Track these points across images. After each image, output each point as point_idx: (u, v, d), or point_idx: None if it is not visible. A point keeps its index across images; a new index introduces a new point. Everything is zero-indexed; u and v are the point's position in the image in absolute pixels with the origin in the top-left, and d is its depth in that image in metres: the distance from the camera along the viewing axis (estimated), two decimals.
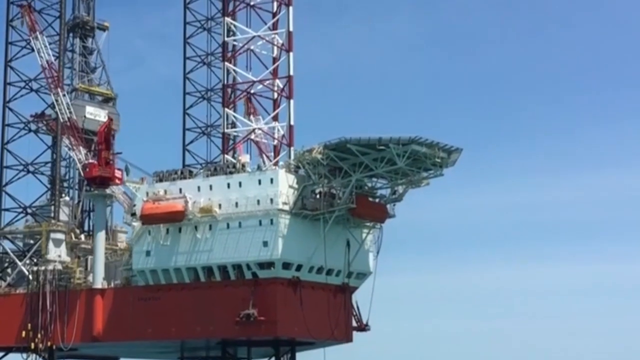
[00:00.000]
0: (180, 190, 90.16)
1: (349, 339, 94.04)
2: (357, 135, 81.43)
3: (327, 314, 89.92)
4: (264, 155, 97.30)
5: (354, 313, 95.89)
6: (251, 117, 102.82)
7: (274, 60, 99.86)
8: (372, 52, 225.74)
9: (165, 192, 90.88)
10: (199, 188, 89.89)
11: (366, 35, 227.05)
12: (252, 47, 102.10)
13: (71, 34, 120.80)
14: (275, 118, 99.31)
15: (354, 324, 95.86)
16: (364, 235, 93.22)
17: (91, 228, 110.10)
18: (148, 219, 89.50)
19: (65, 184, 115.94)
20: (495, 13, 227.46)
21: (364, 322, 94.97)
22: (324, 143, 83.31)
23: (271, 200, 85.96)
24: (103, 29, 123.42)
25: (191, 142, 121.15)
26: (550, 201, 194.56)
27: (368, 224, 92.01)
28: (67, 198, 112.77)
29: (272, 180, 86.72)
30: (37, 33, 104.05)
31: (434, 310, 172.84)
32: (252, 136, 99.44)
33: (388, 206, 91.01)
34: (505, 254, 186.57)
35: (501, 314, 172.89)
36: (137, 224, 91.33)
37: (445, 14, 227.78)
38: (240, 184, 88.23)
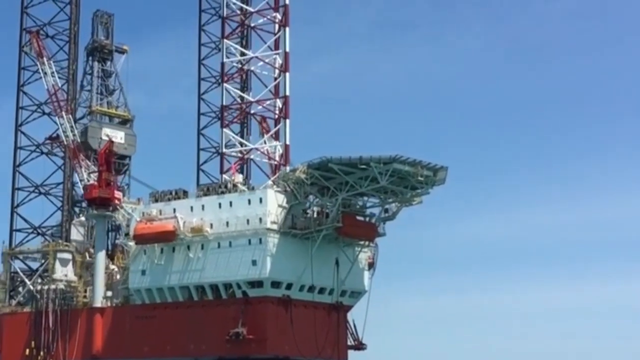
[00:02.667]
0: (174, 210, 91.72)
1: (343, 357, 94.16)
2: (339, 155, 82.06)
3: (319, 332, 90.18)
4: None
5: (351, 332, 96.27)
6: (265, 136, 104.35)
7: (275, 80, 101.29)
8: (442, 69, 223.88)
9: (160, 212, 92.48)
10: (191, 208, 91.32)
11: (436, 52, 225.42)
12: (252, 68, 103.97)
13: (90, 57, 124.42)
14: (276, 138, 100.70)
15: (351, 342, 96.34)
16: (359, 254, 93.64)
17: (109, 247, 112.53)
18: (140, 239, 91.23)
19: (84, 204, 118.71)
20: (569, 25, 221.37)
21: (361, 340, 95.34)
22: (307, 162, 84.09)
23: (260, 219, 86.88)
24: (122, 52, 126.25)
25: (205, 162, 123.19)
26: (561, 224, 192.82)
27: (361, 242, 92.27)
28: (82, 218, 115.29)
29: (261, 199, 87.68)
30: (44, 59, 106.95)
31: (432, 330, 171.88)
32: (252, 155, 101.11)
33: (380, 225, 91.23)
34: (505, 275, 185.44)
35: (501, 334, 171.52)
36: (132, 243, 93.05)
37: (517, 28, 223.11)
38: (230, 203, 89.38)
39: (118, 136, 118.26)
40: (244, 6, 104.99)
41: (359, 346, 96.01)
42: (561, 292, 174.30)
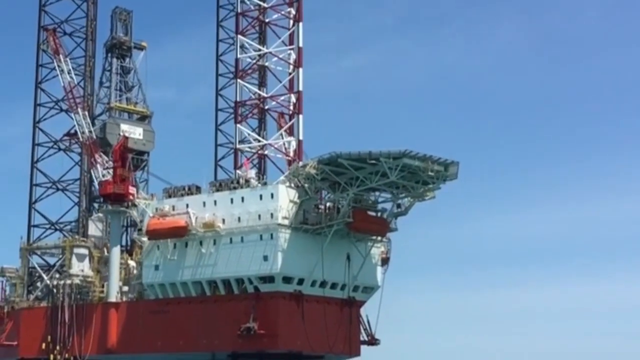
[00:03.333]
0: (187, 206, 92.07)
1: (356, 352, 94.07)
2: (349, 150, 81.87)
3: (332, 327, 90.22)
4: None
5: (364, 327, 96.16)
6: (279, 132, 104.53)
7: (289, 75, 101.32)
8: (474, 63, 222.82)
9: (173, 207, 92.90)
10: (204, 204, 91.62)
11: (468, 45, 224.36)
12: (267, 64, 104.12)
13: (109, 54, 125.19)
14: (290, 133, 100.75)
15: (365, 337, 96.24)
16: (372, 249, 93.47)
17: (128, 243, 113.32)
18: (153, 235, 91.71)
19: (101, 200, 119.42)
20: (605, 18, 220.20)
21: (374, 336, 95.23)
22: (318, 158, 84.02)
23: (271, 215, 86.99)
24: (141, 48, 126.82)
25: (222, 157, 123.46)
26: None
27: (373, 237, 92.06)
28: (100, 214, 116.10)
29: (272, 195, 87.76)
30: (61, 56, 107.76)
31: (445, 326, 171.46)
32: (267, 151, 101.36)
33: (392, 220, 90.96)
34: (521, 273, 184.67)
35: (516, 331, 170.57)
36: (145, 239, 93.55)
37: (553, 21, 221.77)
38: (242, 199, 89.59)
39: (136, 132, 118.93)
40: (259, 2, 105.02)
41: (372, 341, 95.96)
42: (578, 290, 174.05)
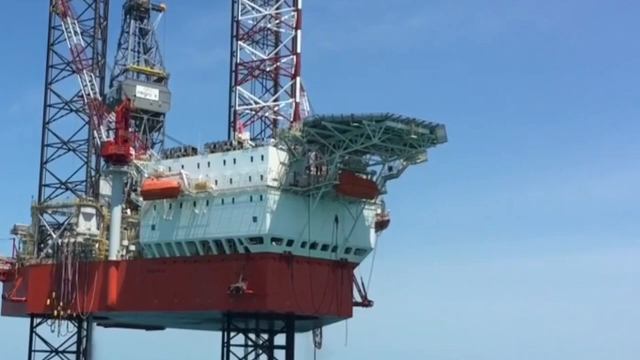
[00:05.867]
0: (182, 167, 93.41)
1: (347, 313, 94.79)
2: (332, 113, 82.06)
3: (322, 288, 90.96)
4: None
5: (358, 289, 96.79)
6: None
7: (293, 38, 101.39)
8: (546, 20, 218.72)
9: (170, 169, 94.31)
10: (198, 165, 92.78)
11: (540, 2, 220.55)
12: (268, 25, 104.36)
13: (127, 16, 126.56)
14: (292, 95, 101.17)
15: (358, 299, 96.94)
16: (364, 211, 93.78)
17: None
18: (147, 195, 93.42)
19: None
20: None
21: (367, 297, 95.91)
22: (303, 120, 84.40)
23: (261, 176, 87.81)
24: (159, 10, 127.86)
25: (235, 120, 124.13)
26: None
27: (363, 200, 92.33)
28: None
29: (262, 157, 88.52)
30: (68, 18, 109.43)
31: (441, 291, 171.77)
32: (267, 113, 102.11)
33: (381, 183, 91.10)
34: (514, 243, 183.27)
35: (510, 297, 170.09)
36: (141, 199, 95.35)
37: None
38: (234, 160, 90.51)
39: (152, 94, 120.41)
40: None
41: (366, 303, 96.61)
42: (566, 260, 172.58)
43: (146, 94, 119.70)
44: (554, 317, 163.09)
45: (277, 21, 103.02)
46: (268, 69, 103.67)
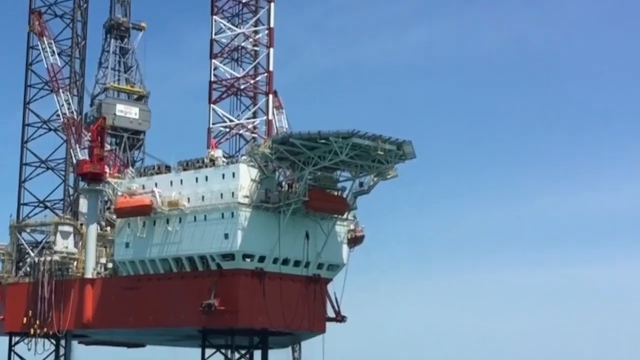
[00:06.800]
0: (156, 184, 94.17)
1: (320, 329, 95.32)
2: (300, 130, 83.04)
3: (294, 304, 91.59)
4: None
5: (333, 304, 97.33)
6: (275, 111, 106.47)
7: (261, 55, 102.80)
8: (544, 34, 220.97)
9: (143, 186, 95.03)
10: (171, 183, 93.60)
11: (537, 17, 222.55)
12: (243, 44, 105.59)
13: (108, 35, 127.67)
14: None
15: (332, 315, 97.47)
16: (336, 227, 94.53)
17: None
18: (120, 213, 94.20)
19: None
20: None
21: (340, 312, 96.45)
22: (272, 137, 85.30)
23: (232, 193, 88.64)
24: (140, 29, 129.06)
25: (216, 136, 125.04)
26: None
27: (335, 216, 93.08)
28: None
29: (233, 174, 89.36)
30: (45, 38, 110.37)
31: (415, 306, 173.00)
32: (242, 131, 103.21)
33: (352, 199, 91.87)
34: (487, 258, 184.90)
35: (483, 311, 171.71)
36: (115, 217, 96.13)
37: None
38: (206, 178, 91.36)
39: (132, 112, 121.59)
40: None
41: (339, 319, 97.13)
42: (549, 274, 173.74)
43: (126, 112, 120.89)
44: (527, 331, 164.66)
45: (251, 39, 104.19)
46: (242, 87, 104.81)
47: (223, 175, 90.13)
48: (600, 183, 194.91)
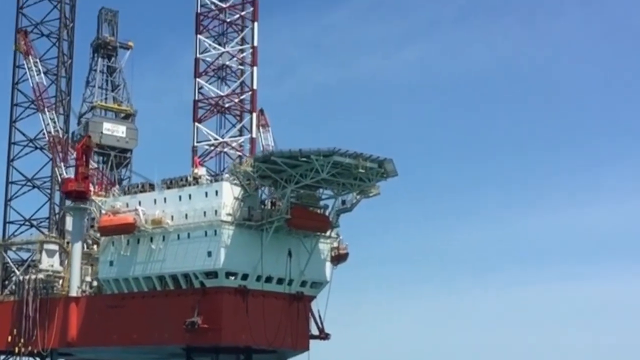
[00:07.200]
0: (140, 203, 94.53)
1: (303, 347, 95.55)
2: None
3: (277, 322, 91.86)
4: None
5: (316, 322, 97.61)
6: (260, 129, 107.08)
7: (244, 74, 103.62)
8: (536, 53, 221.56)
9: (127, 205, 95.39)
10: (155, 201, 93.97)
11: (530, 36, 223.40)
12: (227, 63, 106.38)
13: (95, 54, 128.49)
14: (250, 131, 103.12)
15: (316, 332, 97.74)
16: (320, 245, 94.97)
17: None
18: (103, 231, 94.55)
19: None
20: None
21: (324, 330, 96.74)
22: (254, 156, 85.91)
23: (215, 211, 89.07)
24: (127, 48, 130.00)
25: (202, 155, 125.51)
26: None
27: (318, 233, 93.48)
28: None
29: (216, 192, 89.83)
30: (30, 57, 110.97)
31: (399, 324, 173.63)
32: (227, 149, 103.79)
33: (334, 217, 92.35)
34: (471, 277, 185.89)
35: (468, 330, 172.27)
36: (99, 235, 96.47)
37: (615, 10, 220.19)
38: (190, 196, 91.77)
39: (119, 130, 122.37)
40: (219, 2, 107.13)
41: (323, 336, 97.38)
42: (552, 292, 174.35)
43: (113, 130, 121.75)
44: (512, 350, 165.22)
45: (236, 58, 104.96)
46: (227, 105, 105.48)
47: (206, 194, 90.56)
48: (580, 202, 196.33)
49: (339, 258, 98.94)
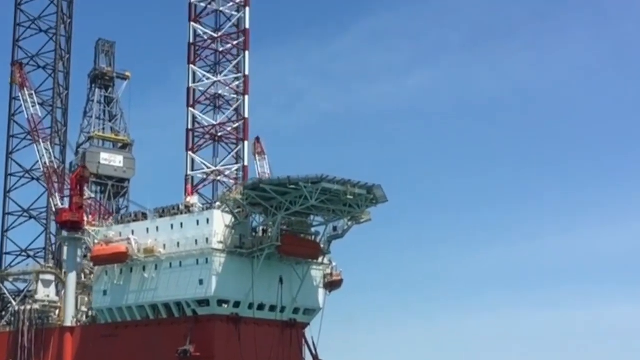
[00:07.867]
0: (133, 232, 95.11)
1: None
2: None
3: (270, 349, 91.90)
4: None
5: (310, 349, 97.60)
6: (257, 157, 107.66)
7: (237, 102, 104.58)
8: (544, 77, 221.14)
9: (120, 234, 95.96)
10: (147, 230, 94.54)
11: (537, 59, 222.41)
12: (220, 92, 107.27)
13: (93, 85, 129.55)
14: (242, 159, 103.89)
15: (310, 359, 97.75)
16: (312, 272, 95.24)
17: None
18: (96, 260, 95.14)
19: None
20: None
21: (317, 357, 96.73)
22: (244, 184, 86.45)
23: (207, 239, 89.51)
24: (124, 78, 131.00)
25: (198, 183, 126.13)
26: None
27: (309, 260, 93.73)
28: None
29: (208, 220, 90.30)
30: (25, 89, 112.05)
31: (392, 348, 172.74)
32: (220, 177, 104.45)
33: (325, 243, 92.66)
34: (463, 302, 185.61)
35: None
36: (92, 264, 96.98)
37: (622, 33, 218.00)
38: (181, 225, 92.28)
39: (116, 160, 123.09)
40: (211, 32, 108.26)
41: None
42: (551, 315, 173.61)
43: (110, 160, 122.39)
44: None
45: (228, 87, 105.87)
46: (220, 134, 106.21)
47: (197, 222, 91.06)
48: (586, 224, 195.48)
49: (332, 284, 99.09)
